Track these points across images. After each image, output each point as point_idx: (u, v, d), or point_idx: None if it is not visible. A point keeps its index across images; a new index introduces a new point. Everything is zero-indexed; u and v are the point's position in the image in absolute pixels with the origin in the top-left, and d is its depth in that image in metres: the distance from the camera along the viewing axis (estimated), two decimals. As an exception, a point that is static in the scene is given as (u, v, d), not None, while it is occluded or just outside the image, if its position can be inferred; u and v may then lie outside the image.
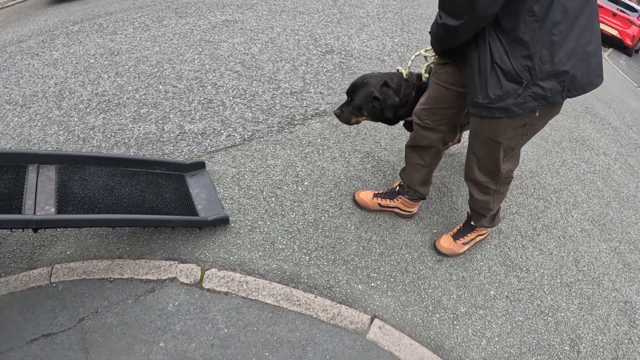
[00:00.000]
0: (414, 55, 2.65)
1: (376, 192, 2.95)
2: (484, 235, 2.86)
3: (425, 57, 2.47)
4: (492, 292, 2.57)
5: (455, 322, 2.42)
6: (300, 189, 3.09)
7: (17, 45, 6.12)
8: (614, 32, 14.15)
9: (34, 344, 2.31)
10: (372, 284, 2.53)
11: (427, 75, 2.49)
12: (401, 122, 2.86)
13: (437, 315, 2.43)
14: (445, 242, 2.79)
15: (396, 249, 2.74)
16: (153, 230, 2.81)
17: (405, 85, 2.60)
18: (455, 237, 2.79)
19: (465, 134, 3.50)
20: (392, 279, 2.56)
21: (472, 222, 2.74)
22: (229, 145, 3.49)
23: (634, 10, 14.23)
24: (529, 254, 2.88)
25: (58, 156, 2.69)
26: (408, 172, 2.75)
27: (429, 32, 2.14)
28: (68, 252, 2.76)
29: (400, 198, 2.87)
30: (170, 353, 2.20)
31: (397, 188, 2.89)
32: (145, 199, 2.65)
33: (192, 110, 3.89)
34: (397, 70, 2.75)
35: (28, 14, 8.11)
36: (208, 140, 3.54)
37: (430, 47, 2.29)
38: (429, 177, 2.75)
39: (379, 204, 2.93)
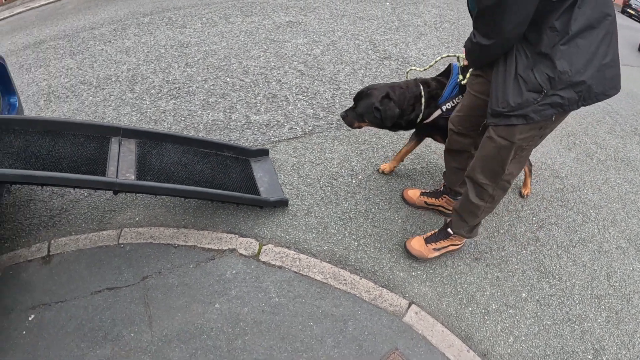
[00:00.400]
0: (445, 55, 2.84)
1: (423, 190, 3.09)
2: (458, 247, 2.86)
3: (458, 57, 2.65)
4: (523, 294, 2.68)
5: (486, 317, 2.54)
6: (354, 181, 3.29)
7: (90, 32, 6.47)
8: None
9: (98, 295, 2.58)
10: (413, 273, 2.70)
11: (464, 79, 2.61)
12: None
13: (470, 309, 2.57)
14: (417, 244, 2.81)
15: None
16: (217, 206, 3.06)
17: (409, 96, 2.77)
18: (428, 240, 2.81)
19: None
20: (431, 271, 2.72)
21: (450, 229, 2.74)
22: (291, 137, 3.72)
23: None
24: (562, 263, 2.96)
25: (138, 131, 2.97)
26: (447, 174, 2.90)
27: (464, 47, 2.28)
28: (137, 219, 3.03)
29: (445, 197, 3.02)
30: (225, 314, 2.43)
31: (442, 188, 3.04)
32: (214, 176, 2.92)
33: (257, 103, 4.14)
34: (407, 73, 2.96)
35: (98, 4, 8.48)
36: (272, 131, 3.79)
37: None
38: None
39: (425, 202, 3.09)
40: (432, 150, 3.71)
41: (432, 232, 2.85)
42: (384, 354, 2.28)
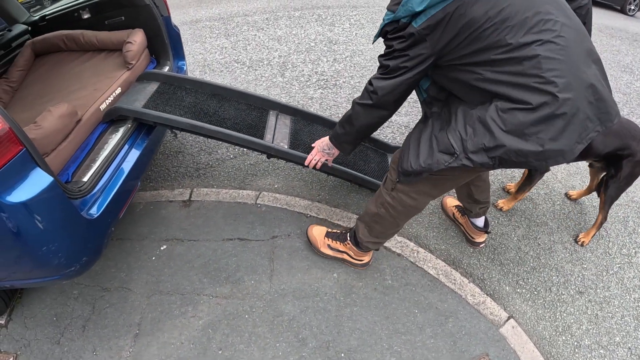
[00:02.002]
0: None
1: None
2: (354, 262, 2.76)
3: None
4: (617, 339, 2.66)
5: (576, 350, 2.56)
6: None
7: (244, 18, 6.95)
8: None
9: (229, 242, 2.90)
10: (518, 290, 2.81)
11: None
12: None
13: (563, 338, 2.61)
14: (317, 231, 2.85)
15: (547, 269, 2.96)
16: (351, 189, 3.35)
17: None
18: (329, 235, 2.81)
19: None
20: (535, 292, 2.81)
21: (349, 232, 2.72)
22: (427, 141, 3.89)
23: None
24: (665, 319, 2.91)
25: (294, 109, 3.30)
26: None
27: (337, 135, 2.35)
28: (275, 186, 3.37)
29: (465, 217, 3.06)
30: (340, 283, 2.68)
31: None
32: (356, 162, 3.18)
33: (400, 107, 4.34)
34: None
35: (251, -6, 9.06)
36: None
37: None
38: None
39: (453, 214, 3.17)
40: (558, 179, 3.77)
41: (339, 230, 2.87)
42: (475, 355, 2.40)
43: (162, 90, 3.07)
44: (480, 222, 2.96)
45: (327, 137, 2.47)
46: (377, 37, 2.00)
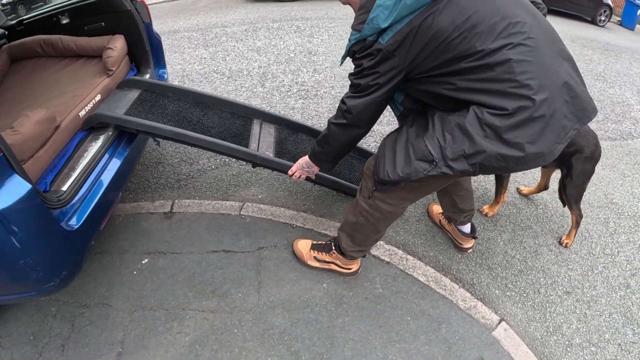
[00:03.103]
0: None
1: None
2: (342, 271, 2.72)
3: None
4: (607, 336, 2.66)
5: (568, 349, 2.56)
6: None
7: (222, 29, 6.94)
8: None
9: (213, 255, 2.82)
10: (508, 293, 2.80)
11: None
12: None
13: (555, 338, 2.60)
14: (302, 245, 2.82)
15: (534, 271, 2.96)
16: (336, 198, 3.31)
17: None
18: (314, 247, 2.78)
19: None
20: (524, 295, 2.81)
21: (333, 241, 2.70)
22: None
23: None
24: (650, 314, 2.92)
25: (279, 118, 3.27)
26: (438, 196, 2.92)
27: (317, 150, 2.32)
28: (259, 196, 3.31)
29: (452, 225, 3.03)
30: (330, 293, 2.62)
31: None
32: (341, 171, 3.16)
33: (381, 116, 4.34)
34: None
35: (229, 5, 9.01)
36: (393, 142, 3.97)
37: None
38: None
39: (440, 221, 3.14)
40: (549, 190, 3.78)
41: (324, 241, 2.82)
42: (470, 360, 2.39)
43: (144, 97, 3.02)
44: (466, 228, 2.95)
45: (307, 156, 2.45)
46: (344, 57, 2.00)
